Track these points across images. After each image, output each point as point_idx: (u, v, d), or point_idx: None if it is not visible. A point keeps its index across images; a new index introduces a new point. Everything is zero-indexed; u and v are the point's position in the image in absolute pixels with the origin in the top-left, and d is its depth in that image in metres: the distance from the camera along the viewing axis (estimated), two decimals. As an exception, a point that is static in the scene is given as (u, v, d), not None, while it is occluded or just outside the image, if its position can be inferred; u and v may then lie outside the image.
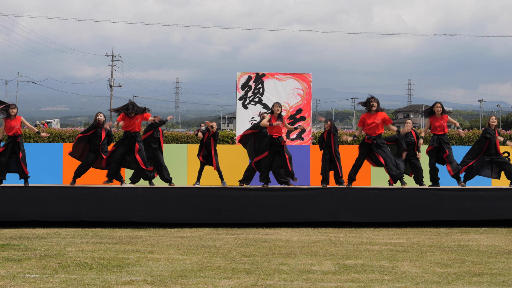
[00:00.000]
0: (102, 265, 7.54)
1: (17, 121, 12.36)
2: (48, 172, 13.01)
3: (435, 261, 8.02)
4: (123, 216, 11.84)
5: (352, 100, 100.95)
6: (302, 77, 17.28)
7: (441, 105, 12.64)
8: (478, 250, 9.01)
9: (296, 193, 12.15)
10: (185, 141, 18.97)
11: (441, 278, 6.89)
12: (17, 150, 12.31)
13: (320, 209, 12.02)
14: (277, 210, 12.00)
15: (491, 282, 6.70)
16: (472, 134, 19.44)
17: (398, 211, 12.03)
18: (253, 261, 7.89)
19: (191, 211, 11.97)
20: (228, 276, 6.94)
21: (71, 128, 19.71)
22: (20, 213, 11.78)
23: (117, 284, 6.46)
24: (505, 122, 76.11)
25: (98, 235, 10.59)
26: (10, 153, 12.33)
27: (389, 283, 6.60)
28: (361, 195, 12.13)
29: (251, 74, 17.18)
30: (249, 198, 12.03)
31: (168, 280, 6.68)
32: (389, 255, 8.50)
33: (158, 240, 10.07)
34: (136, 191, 12.07)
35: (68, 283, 6.47)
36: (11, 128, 12.29)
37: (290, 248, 9.12)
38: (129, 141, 12.34)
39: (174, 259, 8.06)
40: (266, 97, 17.05)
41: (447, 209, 12.06)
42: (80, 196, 11.91)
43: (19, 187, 12.18)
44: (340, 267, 7.51)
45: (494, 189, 12.86)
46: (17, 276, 6.81)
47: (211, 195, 12.10)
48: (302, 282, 6.66)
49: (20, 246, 9.21)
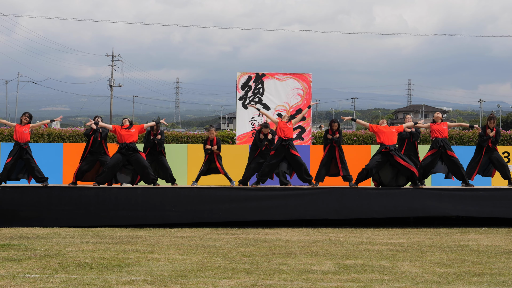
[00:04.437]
0: (102, 265, 7.54)
1: (26, 128, 12.46)
2: (48, 172, 13.00)
3: (435, 261, 8.02)
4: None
5: (352, 100, 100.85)
6: (302, 77, 17.28)
7: (441, 114, 12.81)
8: (478, 250, 9.01)
9: (296, 193, 12.19)
10: (185, 141, 18.97)
11: (441, 278, 6.89)
12: (25, 156, 12.38)
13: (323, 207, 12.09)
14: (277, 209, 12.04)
15: (491, 282, 6.70)
16: (472, 134, 19.44)
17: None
18: (253, 261, 7.89)
19: (191, 211, 12.00)
20: (228, 276, 6.94)
21: (71, 128, 19.69)
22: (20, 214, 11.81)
23: (117, 284, 6.46)
24: (505, 122, 76.06)
25: (98, 235, 10.59)
26: (17, 160, 12.40)
27: (389, 283, 6.61)
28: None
29: (251, 74, 17.18)
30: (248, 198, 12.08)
31: (168, 280, 6.68)
32: (389, 255, 8.50)
33: (158, 240, 10.07)
34: (136, 191, 12.11)
35: (68, 283, 6.47)
36: (19, 135, 12.40)
37: (290, 248, 9.12)
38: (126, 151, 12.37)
39: (174, 259, 8.06)
40: (266, 97, 17.06)
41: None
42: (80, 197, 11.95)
43: (19, 187, 12.19)
44: (340, 267, 7.51)
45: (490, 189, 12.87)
46: (17, 276, 6.81)
47: (211, 195, 12.13)
48: (302, 282, 6.66)
49: (20, 246, 9.21)
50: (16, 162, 12.36)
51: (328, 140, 13.00)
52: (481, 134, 12.88)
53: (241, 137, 16.91)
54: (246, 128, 17.12)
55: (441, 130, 12.52)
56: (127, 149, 12.30)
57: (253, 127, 16.89)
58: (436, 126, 12.58)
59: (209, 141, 13.22)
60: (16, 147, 12.39)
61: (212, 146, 13.16)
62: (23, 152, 12.37)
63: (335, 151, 13.03)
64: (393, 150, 12.04)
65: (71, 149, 15.67)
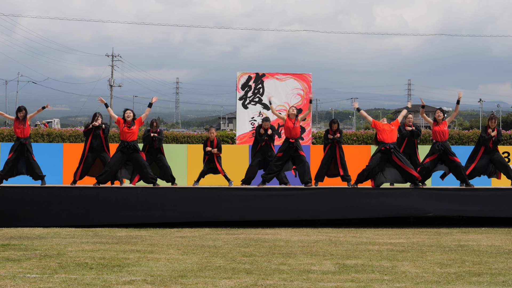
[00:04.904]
0: (102, 265, 7.54)
1: (25, 122, 12.45)
2: (48, 172, 13.02)
3: (435, 261, 8.02)
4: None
5: (352, 100, 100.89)
6: (302, 77, 17.29)
7: (442, 112, 12.69)
8: (478, 250, 9.01)
9: (296, 193, 12.20)
10: (185, 141, 18.97)
11: (441, 278, 6.89)
12: (26, 152, 12.39)
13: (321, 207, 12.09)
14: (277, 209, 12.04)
15: (491, 282, 6.70)
16: (472, 134, 19.44)
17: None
18: (253, 261, 7.89)
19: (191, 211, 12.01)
20: (228, 276, 6.94)
21: (71, 128, 19.69)
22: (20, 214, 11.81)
23: (117, 284, 6.46)
24: (505, 122, 76.06)
25: (98, 235, 10.59)
26: (18, 156, 12.40)
27: (389, 283, 6.60)
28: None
29: (251, 74, 17.18)
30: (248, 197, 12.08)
31: (168, 280, 6.68)
32: (389, 255, 8.50)
33: (158, 240, 10.07)
34: (136, 191, 12.11)
35: (68, 283, 6.47)
36: (19, 131, 12.39)
37: (290, 248, 9.12)
38: (127, 150, 12.37)
39: (174, 259, 8.06)
40: (266, 97, 17.05)
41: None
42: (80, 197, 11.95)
43: (19, 187, 12.19)
44: (340, 267, 7.51)
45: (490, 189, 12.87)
46: (17, 276, 6.81)
47: (211, 195, 12.14)
48: (302, 282, 6.66)
49: (20, 246, 9.21)
50: (17, 158, 12.38)
51: (328, 140, 12.99)
52: (481, 134, 12.84)
53: (241, 137, 16.92)
54: (246, 128, 17.13)
55: (443, 132, 12.45)
56: (128, 148, 12.33)
57: (253, 127, 16.89)
58: (438, 128, 12.50)
59: (209, 141, 13.21)
60: (17, 142, 12.41)
61: (213, 147, 13.15)
62: (24, 148, 12.38)
63: (335, 151, 13.02)
64: (392, 148, 12.05)
65: (71, 149, 15.67)
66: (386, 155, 12.09)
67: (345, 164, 13.03)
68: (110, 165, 12.34)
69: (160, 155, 13.18)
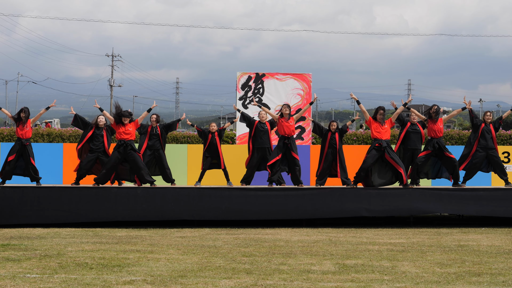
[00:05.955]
0: (102, 265, 7.54)
1: (27, 125, 12.49)
2: (48, 172, 13.02)
3: (435, 261, 8.02)
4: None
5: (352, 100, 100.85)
6: (302, 77, 17.27)
7: (437, 108, 12.67)
8: (478, 250, 9.01)
9: (296, 193, 12.20)
10: (185, 141, 18.96)
11: (441, 278, 6.89)
12: (26, 154, 12.42)
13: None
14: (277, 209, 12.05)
15: (491, 282, 6.70)
16: (472, 134, 19.40)
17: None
18: (253, 261, 7.89)
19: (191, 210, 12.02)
20: (228, 276, 6.94)
21: (71, 128, 19.66)
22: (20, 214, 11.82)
23: (117, 284, 6.46)
24: (505, 122, 76.08)
25: (98, 235, 10.60)
26: (19, 158, 12.44)
27: (389, 283, 6.60)
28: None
29: (251, 74, 17.17)
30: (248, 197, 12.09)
31: (168, 280, 6.68)
32: (389, 255, 8.50)
33: (158, 240, 10.07)
34: (136, 191, 12.11)
35: (68, 283, 6.48)
36: (20, 132, 12.44)
37: (290, 248, 9.12)
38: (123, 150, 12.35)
39: (174, 259, 8.06)
40: (266, 97, 17.04)
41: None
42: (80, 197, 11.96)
43: (19, 187, 12.20)
44: (340, 267, 7.51)
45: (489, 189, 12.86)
46: (17, 276, 6.81)
47: (211, 195, 12.15)
48: (302, 282, 6.67)
49: (20, 246, 9.21)
50: (18, 159, 12.42)
51: (326, 138, 13.12)
52: (472, 117, 12.89)
53: (241, 137, 16.90)
54: (246, 128, 17.10)
55: (438, 130, 12.48)
56: (125, 147, 12.29)
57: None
58: (434, 125, 12.50)
59: (210, 134, 13.20)
60: (18, 143, 12.43)
61: (214, 138, 13.16)
62: (24, 150, 12.41)
63: (336, 153, 13.11)
64: (385, 146, 12.08)
65: (71, 149, 15.63)
66: (379, 153, 12.12)
67: (345, 167, 13.12)
68: (108, 166, 12.31)
69: (160, 151, 13.09)
